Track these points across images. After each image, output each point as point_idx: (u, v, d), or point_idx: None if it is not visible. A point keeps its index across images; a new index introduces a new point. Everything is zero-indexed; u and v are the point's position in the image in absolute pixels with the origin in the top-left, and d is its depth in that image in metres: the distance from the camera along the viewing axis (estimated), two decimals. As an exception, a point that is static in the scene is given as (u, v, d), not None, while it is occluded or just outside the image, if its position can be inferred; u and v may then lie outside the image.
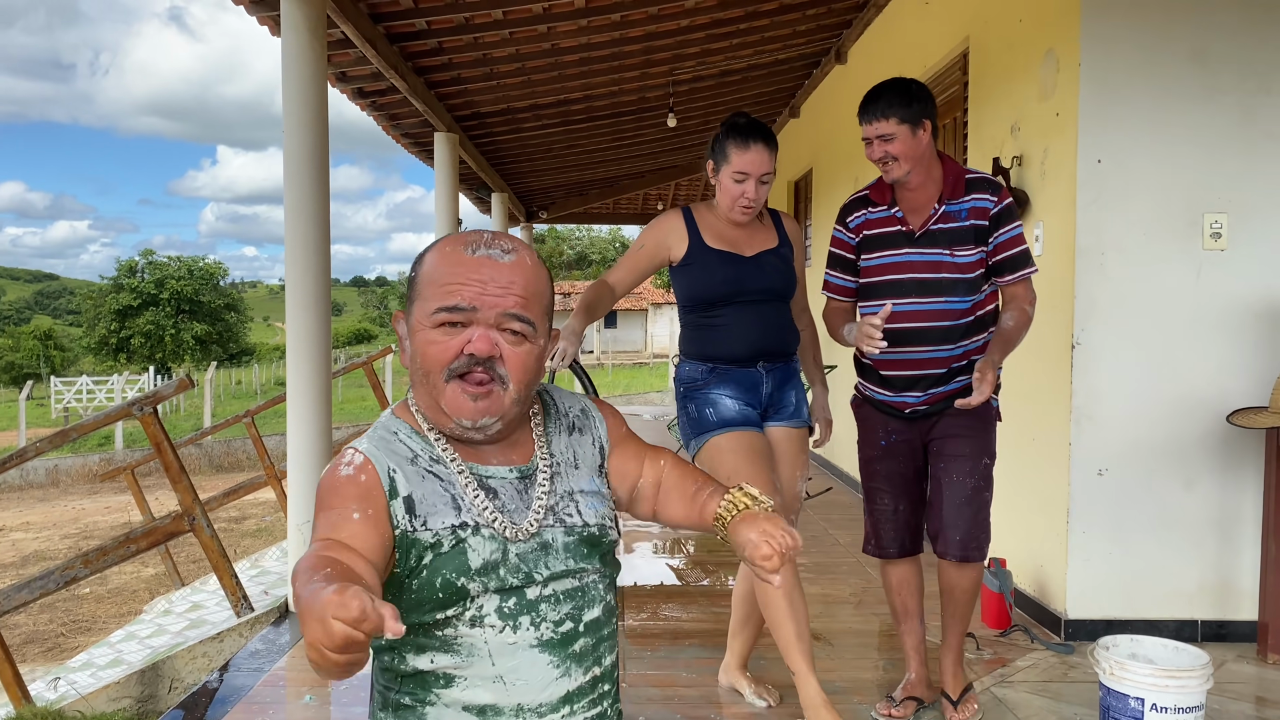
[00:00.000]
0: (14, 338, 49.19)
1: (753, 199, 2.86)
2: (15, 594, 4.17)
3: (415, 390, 1.42)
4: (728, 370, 2.93)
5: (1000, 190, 2.80)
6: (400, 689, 1.40)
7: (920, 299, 2.79)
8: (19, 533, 13.01)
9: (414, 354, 1.38)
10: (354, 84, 6.46)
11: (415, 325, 1.38)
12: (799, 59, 7.78)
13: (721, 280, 2.90)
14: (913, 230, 2.82)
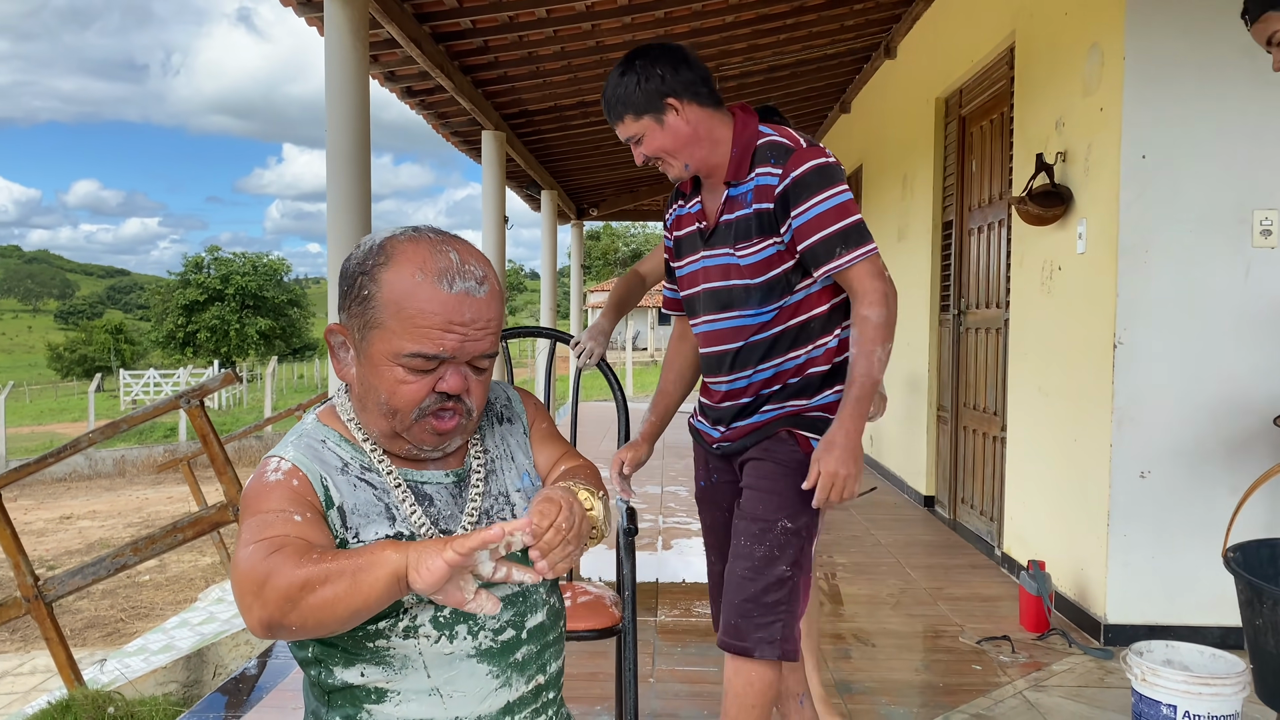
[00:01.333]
0: (87, 331, 50.74)
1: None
2: (69, 580, 4.30)
3: (362, 409, 1.33)
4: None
5: (790, 156, 2.03)
6: (330, 705, 1.32)
7: (712, 315, 2.19)
8: (85, 520, 13.42)
9: (371, 384, 1.29)
10: (402, 83, 6.55)
11: (374, 357, 1.27)
12: (848, 54, 7.70)
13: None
14: (706, 228, 2.19)
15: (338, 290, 1.31)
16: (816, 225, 2.02)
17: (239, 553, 1.18)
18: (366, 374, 1.29)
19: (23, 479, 4.71)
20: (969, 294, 5.64)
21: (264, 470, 1.28)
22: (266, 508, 1.23)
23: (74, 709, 3.86)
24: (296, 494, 1.25)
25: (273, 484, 1.25)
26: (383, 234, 1.30)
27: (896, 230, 7.12)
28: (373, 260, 1.27)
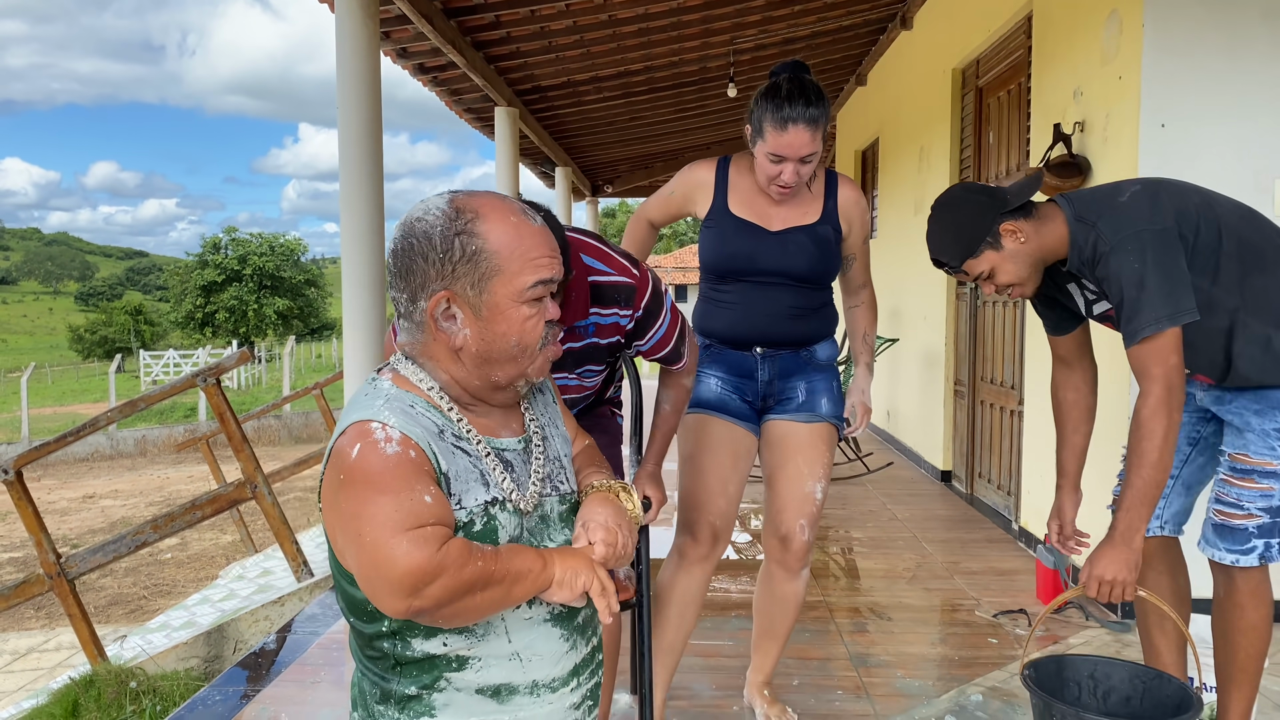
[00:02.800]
0: (107, 313, 51.06)
1: (790, 183, 2.43)
2: (91, 557, 4.35)
3: (484, 364, 1.35)
4: (721, 350, 2.63)
5: (634, 295, 2.11)
6: (402, 678, 1.33)
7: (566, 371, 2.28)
8: (108, 500, 13.57)
9: (499, 333, 1.33)
10: (414, 60, 6.52)
11: (500, 304, 1.32)
12: (864, 25, 7.62)
13: (731, 254, 2.53)
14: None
15: (422, 262, 1.31)
16: (664, 342, 2.22)
17: (387, 539, 1.20)
18: (491, 325, 1.33)
19: (43, 458, 4.76)
20: (986, 267, 5.59)
21: (371, 438, 1.25)
22: (396, 488, 1.23)
23: (97, 683, 3.91)
24: (418, 468, 1.26)
25: (393, 458, 1.24)
26: (439, 200, 1.35)
27: (913, 203, 7.07)
28: (461, 220, 1.32)
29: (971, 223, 2.23)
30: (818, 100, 2.38)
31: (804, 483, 2.61)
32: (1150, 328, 2.06)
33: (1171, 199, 2.18)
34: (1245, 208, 2.28)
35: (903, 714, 2.90)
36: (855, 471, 6.64)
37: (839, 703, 2.98)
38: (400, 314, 1.37)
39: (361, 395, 1.35)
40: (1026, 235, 2.23)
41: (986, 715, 2.88)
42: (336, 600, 1.42)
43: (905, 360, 7.32)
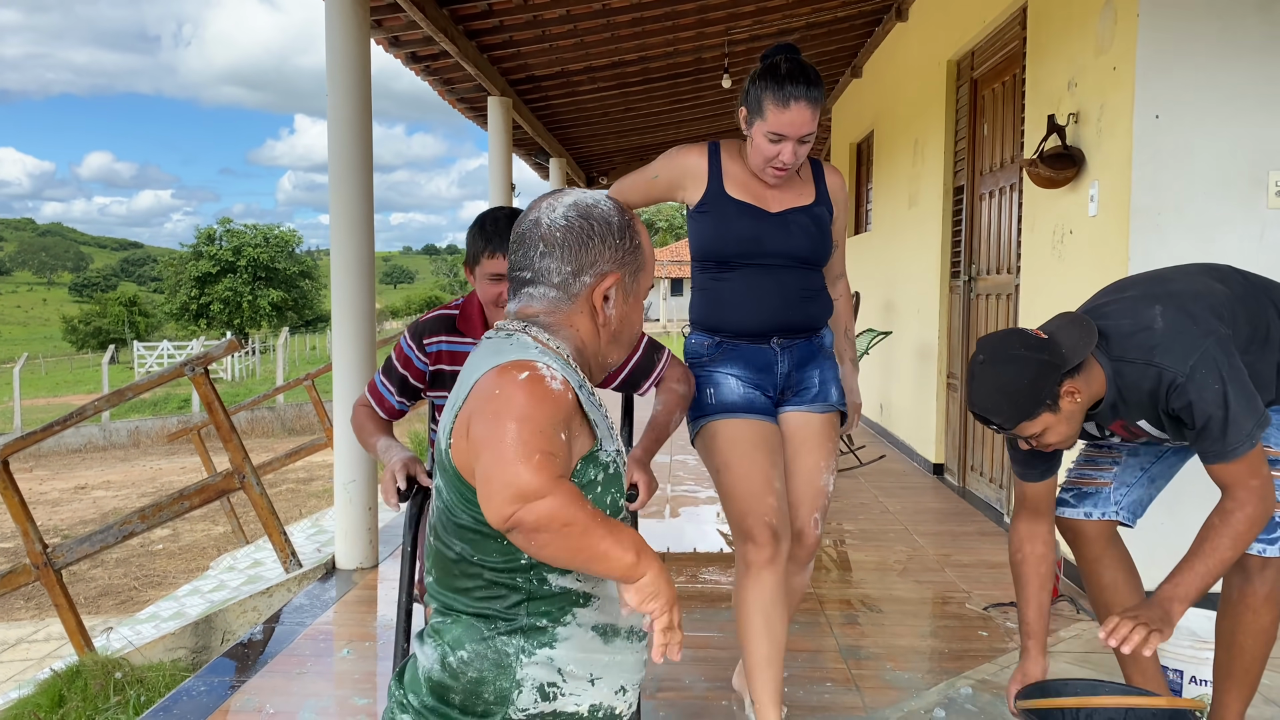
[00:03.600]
0: (101, 304, 50.91)
1: (788, 163, 2.40)
2: (78, 547, 4.32)
3: (613, 343, 1.56)
4: (736, 345, 2.53)
5: None
6: (530, 612, 1.42)
7: None
8: (100, 490, 13.52)
9: (632, 319, 1.57)
10: (407, 48, 6.48)
11: (640, 294, 1.57)
12: (859, 16, 7.59)
13: (735, 237, 2.47)
14: None
15: (599, 243, 1.50)
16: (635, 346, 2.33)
17: (528, 447, 1.26)
18: (631, 311, 1.57)
19: (29, 447, 4.73)
20: (980, 260, 5.58)
21: (538, 372, 1.34)
22: (551, 415, 1.32)
23: (84, 674, 3.88)
24: (571, 409, 1.36)
25: (557, 393, 1.34)
26: (597, 193, 1.58)
27: (907, 196, 7.05)
28: (628, 217, 1.56)
29: (1032, 386, 2.04)
30: (816, 81, 2.39)
31: (819, 476, 2.57)
32: (1244, 445, 2.03)
33: (1200, 303, 2.11)
34: (1244, 282, 2.25)
35: (892, 706, 2.89)
36: (847, 464, 6.62)
37: (829, 695, 2.96)
38: (550, 283, 1.50)
39: (505, 344, 1.44)
40: (1081, 392, 2.10)
41: (976, 708, 2.87)
42: (448, 548, 1.44)
43: (898, 353, 7.31)
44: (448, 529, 1.44)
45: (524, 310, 1.52)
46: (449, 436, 1.40)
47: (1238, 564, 2.24)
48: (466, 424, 1.36)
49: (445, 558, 1.45)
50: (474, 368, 1.43)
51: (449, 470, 1.40)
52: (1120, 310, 2.16)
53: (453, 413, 1.41)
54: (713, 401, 2.52)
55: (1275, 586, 2.24)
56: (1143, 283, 2.24)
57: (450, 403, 1.45)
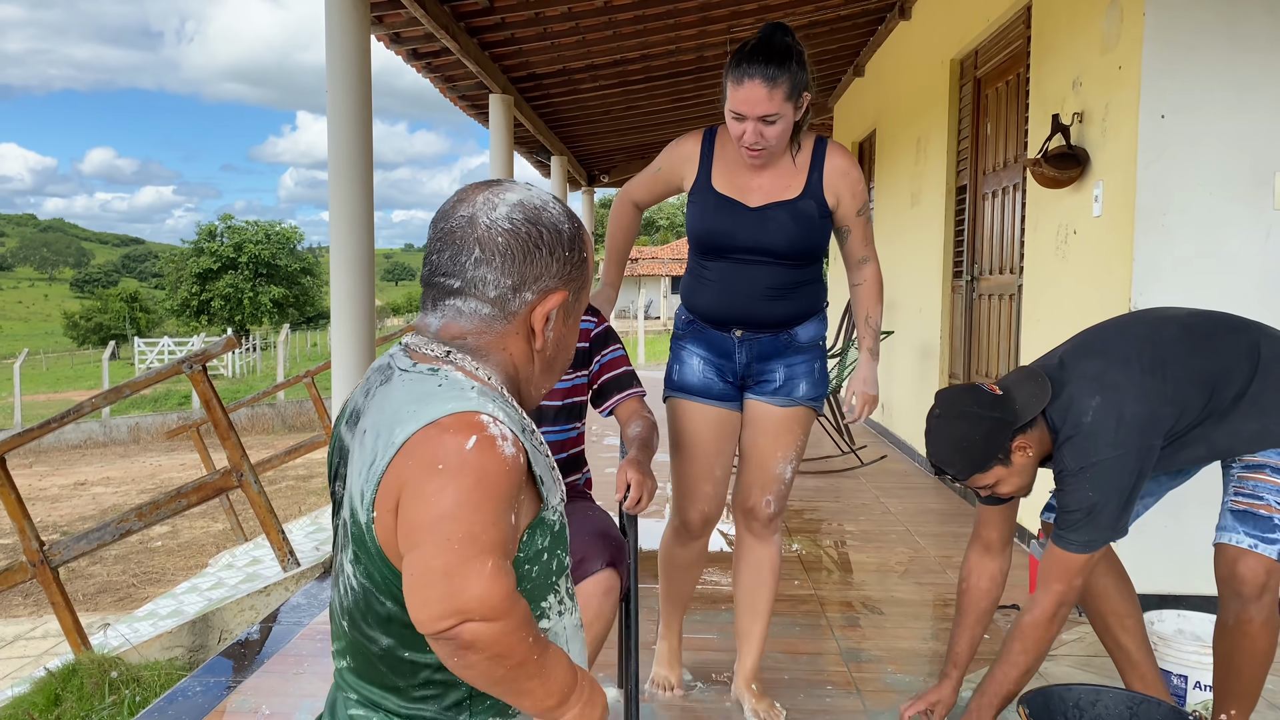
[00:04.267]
0: (102, 300, 50.93)
1: (752, 144, 2.38)
2: (74, 545, 4.30)
3: (547, 371, 1.35)
4: (703, 329, 2.64)
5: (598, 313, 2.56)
6: (474, 711, 1.26)
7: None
8: (100, 487, 13.51)
9: (568, 341, 1.36)
10: (408, 45, 6.46)
11: (578, 316, 1.36)
12: (862, 15, 7.56)
13: (710, 230, 2.52)
14: None
15: (548, 255, 1.28)
16: (618, 363, 2.53)
17: (477, 552, 1.09)
18: (568, 333, 1.35)
19: (27, 443, 4.70)
20: (982, 260, 5.55)
21: (487, 433, 1.14)
22: (506, 500, 1.13)
23: (80, 673, 3.86)
24: (521, 480, 1.17)
25: (509, 462, 1.14)
26: (545, 194, 1.33)
27: (910, 195, 7.02)
28: (577, 225, 1.33)
29: (984, 441, 2.17)
30: (782, 59, 2.33)
31: (774, 464, 2.67)
32: (1079, 548, 2.16)
33: (1140, 405, 2.15)
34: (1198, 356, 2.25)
35: (893, 710, 2.86)
36: (848, 464, 6.60)
37: (829, 698, 2.94)
38: (484, 297, 1.26)
39: (432, 383, 1.21)
40: (1033, 448, 2.21)
41: (977, 712, 2.84)
42: (371, 641, 1.24)
43: (900, 353, 7.28)
44: (370, 620, 1.22)
45: (448, 329, 1.27)
46: (369, 509, 1.16)
47: (1233, 591, 2.25)
48: (396, 496, 1.14)
49: (367, 650, 1.24)
50: (396, 416, 1.18)
51: (370, 549, 1.18)
52: (1071, 382, 2.22)
53: (371, 475, 1.17)
54: (676, 378, 2.69)
55: (1272, 614, 2.24)
56: (1104, 356, 2.26)
57: (363, 461, 1.20)
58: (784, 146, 2.47)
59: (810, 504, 5.55)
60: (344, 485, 1.28)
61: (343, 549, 1.24)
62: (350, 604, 1.24)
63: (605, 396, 2.56)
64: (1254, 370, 2.23)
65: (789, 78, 2.33)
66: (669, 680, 2.96)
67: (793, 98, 2.36)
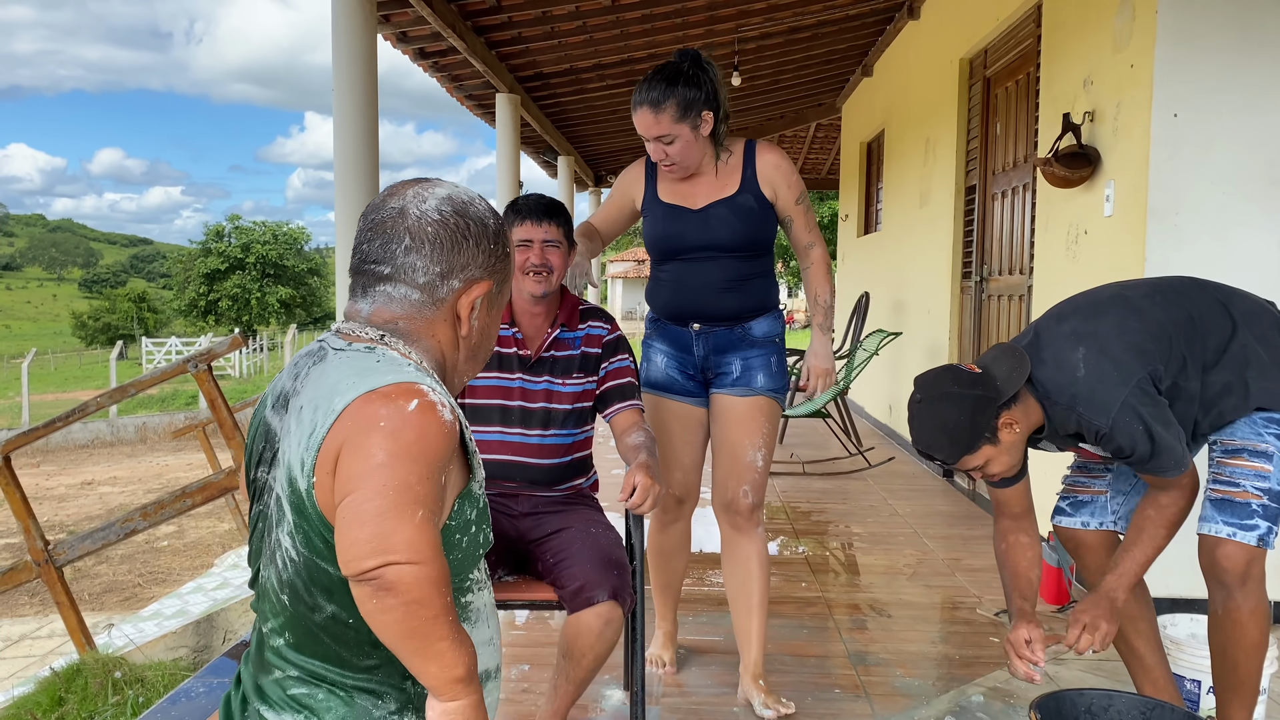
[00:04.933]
0: (110, 300, 51.11)
1: (659, 159, 2.64)
2: (79, 544, 4.30)
3: (471, 359, 1.42)
4: (665, 326, 2.87)
5: (614, 320, 2.66)
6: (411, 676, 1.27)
7: (524, 429, 2.53)
8: (106, 486, 13.53)
9: (491, 331, 1.43)
10: (415, 44, 6.44)
11: (501, 306, 1.44)
12: (870, 14, 7.53)
13: (663, 235, 2.76)
14: (528, 356, 2.54)
15: (473, 246, 1.35)
16: (626, 371, 2.58)
17: (409, 501, 1.12)
18: (491, 323, 1.42)
19: (38, 442, 4.69)
20: (992, 260, 5.52)
21: (428, 399, 1.20)
22: (440, 462, 1.18)
23: (84, 673, 3.85)
24: (453, 447, 1.22)
25: (448, 428, 1.20)
26: (471, 191, 1.40)
27: (919, 195, 6.99)
28: (501, 220, 1.41)
29: (970, 420, 2.11)
30: (668, 85, 2.56)
31: (744, 453, 2.80)
32: (1174, 470, 2.13)
33: (1124, 340, 2.14)
34: (1175, 305, 2.24)
35: (902, 714, 2.83)
36: (856, 466, 6.57)
37: (837, 702, 2.91)
38: (413, 283, 1.32)
39: (369, 359, 1.26)
40: (1020, 423, 2.17)
41: (988, 716, 2.81)
42: (314, 610, 1.25)
43: (908, 354, 7.25)
44: (311, 588, 1.23)
45: (379, 313, 1.33)
46: (310, 474, 1.19)
47: (1217, 580, 2.24)
48: (335, 457, 1.17)
49: (310, 622, 1.24)
50: (334, 388, 1.21)
51: (311, 515, 1.20)
52: (1049, 345, 2.20)
53: (312, 443, 1.19)
54: (644, 375, 2.90)
55: (1259, 601, 2.22)
56: (1077, 314, 2.24)
57: (304, 429, 1.22)
58: (697, 158, 2.67)
59: (817, 505, 5.52)
60: (268, 470, 1.30)
61: (278, 525, 1.26)
62: (290, 575, 1.24)
63: (606, 403, 2.59)
64: (1232, 324, 2.21)
65: (674, 101, 2.56)
66: (662, 659, 3.10)
67: (685, 119, 2.57)
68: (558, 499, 2.56)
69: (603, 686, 2.97)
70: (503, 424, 2.52)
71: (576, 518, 2.47)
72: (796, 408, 6.57)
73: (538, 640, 3.40)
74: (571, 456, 2.57)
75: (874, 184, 9.42)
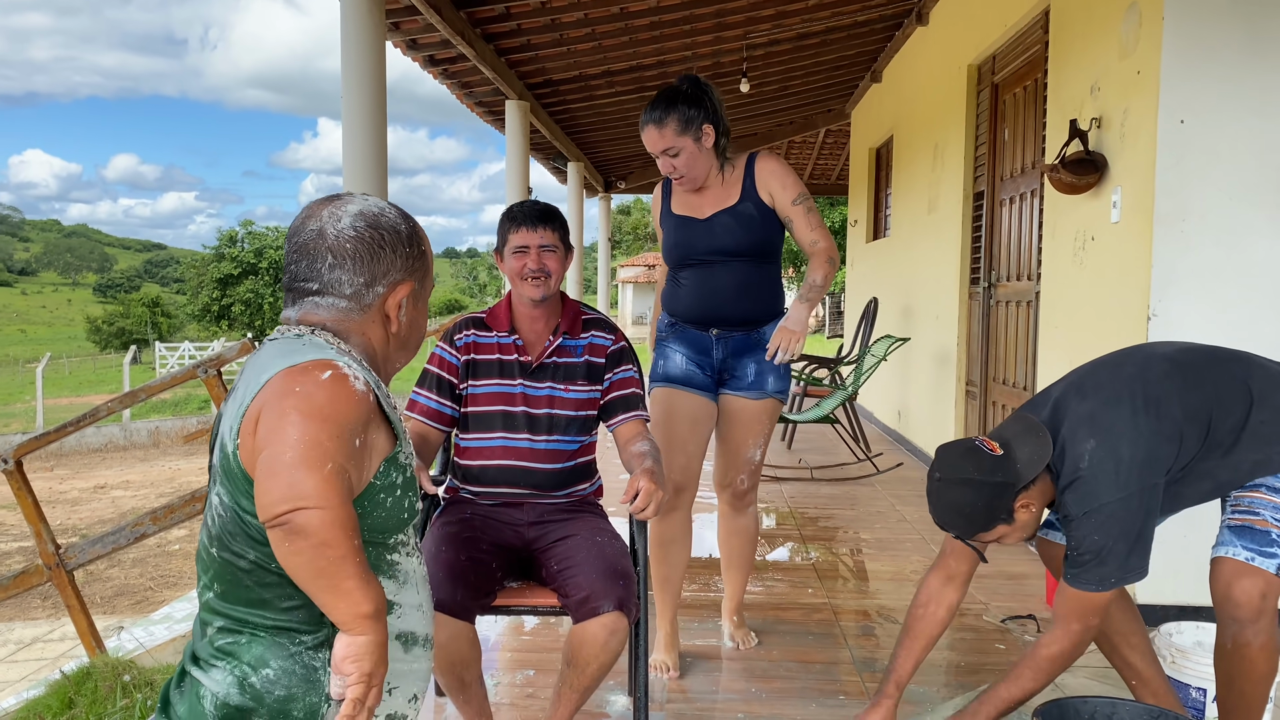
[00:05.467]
0: (124, 305, 51.42)
1: (668, 173, 2.92)
2: (90, 548, 4.32)
3: (402, 348, 1.57)
4: (684, 329, 3.07)
5: (618, 330, 2.70)
6: (333, 625, 1.35)
7: (528, 434, 2.55)
8: (119, 490, 13.59)
9: (419, 325, 1.58)
10: (424, 51, 6.48)
11: (426, 302, 1.60)
12: (879, 21, 7.54)
13: (674, 244, 3.03)
14: (529, 362, 2.57)
15: (391, 253, 1.49)
16: (631, 382, 2.62)
17: (319, 453, 1.22)
18: (419, 318, 1.57)
19: (49, 447, 4.72)
20: (1000, 266, 5.51)
21: (341, 372, 1.33)
22: (352, 423, 1.29)
23: (94, 676, 3.87)
24: (369, 414, 1.34)
25: (360, 396, 1.32)
26: (379, 201, 1.55)
27: (927, 201, 6.98)
28: (412, 224, 1.55)
29: (987, 506, 2.16)
30: (669, 104, 2.83)
31: (746, 450, 3.09)
32: (1093, 587, 2.14)
33: (1137, 447, 2.13)
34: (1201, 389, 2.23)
35: (906, 721, 2.83)
36: (864, 472, 6.56)
37: (843, 708, 2.91)
38: (340, 294, 1.47)
39: (298, 344, 1.40)
40: (1035, 503, 2.20)
41: (992, 724, 2.80)
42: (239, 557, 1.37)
43: (916, 360, 7.24)
44: (238, 537, 1.35)
45: (308, 317, 1.48)
46: (235, 437, 1.33)
47: (1229, 615, 2.23)
48: (255, 420, 1.30)
49: (235, 569, 1.36)
50: (263, 367, 1.36)
51: (237, 474, 1.33)
52: (1066, 424, 2.21)
53: (239, 412, 1.34)
54: (661, 371, 3.09)
55: (1270, 637, 2.21)
56: (1098, 395, 2.23)
57: (235, 402, 1.38)
58: (703, 170, 2.91)
59: (825, 511, 5.52)
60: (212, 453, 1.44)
61: (211, 489, 1.40)
62: (218, 530, 1.37)
63: (611, 414, 2.61)
64: (1250, 401, 2.20)
65: (676, 117, 2.82)
66: (665, 663, 3.14)
67: (686, 132, 2.83)
68: (563, 506, 2.57)
69: (607, 692, 2.98)
70: (506, 430, 2.53)
71: (582, 525, 2.48)
72: (805, 413, 6.57)
73: (543, 645, 3.41)
74: (575, 461, 2.58)
75: (883, 190, 9.42)
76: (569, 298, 2.66)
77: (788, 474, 6.45)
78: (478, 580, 2.32)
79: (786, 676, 3.13)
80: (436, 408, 2.55)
